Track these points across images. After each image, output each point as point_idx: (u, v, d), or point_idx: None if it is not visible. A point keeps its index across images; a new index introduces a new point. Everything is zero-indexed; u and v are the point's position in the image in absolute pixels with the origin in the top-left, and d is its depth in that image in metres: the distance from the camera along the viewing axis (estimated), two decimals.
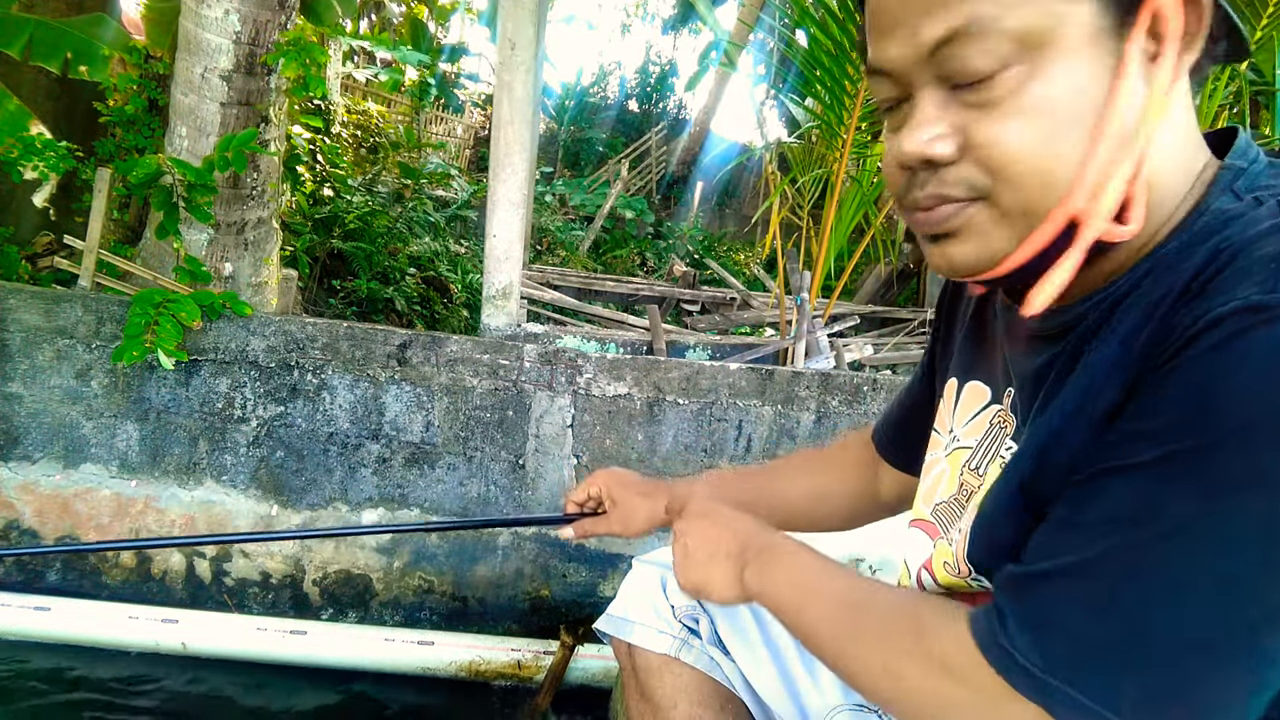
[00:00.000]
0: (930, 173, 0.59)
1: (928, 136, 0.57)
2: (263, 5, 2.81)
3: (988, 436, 0.76)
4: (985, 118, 0.55)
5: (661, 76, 16.26)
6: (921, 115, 0.58)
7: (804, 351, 3.44)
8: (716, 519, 0.83)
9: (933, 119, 0.57)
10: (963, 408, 0.81)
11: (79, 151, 2.93)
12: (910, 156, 0.58)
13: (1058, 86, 0.53)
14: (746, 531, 0.80)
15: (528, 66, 2.68)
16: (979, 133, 0.55)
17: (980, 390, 0.79)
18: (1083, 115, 0.53)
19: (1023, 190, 0.55)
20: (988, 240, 0.59)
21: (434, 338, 2.41)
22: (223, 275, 3.05)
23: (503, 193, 2.75)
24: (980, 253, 0.59)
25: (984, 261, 0.59)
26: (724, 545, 0.79)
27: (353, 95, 9.24)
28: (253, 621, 2.22)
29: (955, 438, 0.81)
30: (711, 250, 10.06)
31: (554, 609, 2.53)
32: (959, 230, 0.59)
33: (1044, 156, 0.54)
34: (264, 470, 2.43)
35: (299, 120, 4.55)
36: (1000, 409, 0.75)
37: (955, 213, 0.59)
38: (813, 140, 3.84)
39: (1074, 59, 0.53)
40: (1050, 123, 0.53)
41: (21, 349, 2.31)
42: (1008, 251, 0.58)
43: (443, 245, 6.23)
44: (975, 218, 0.58)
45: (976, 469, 0.76)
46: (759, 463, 1.43)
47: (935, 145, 0.57)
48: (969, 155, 0.56)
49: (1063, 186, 0.55)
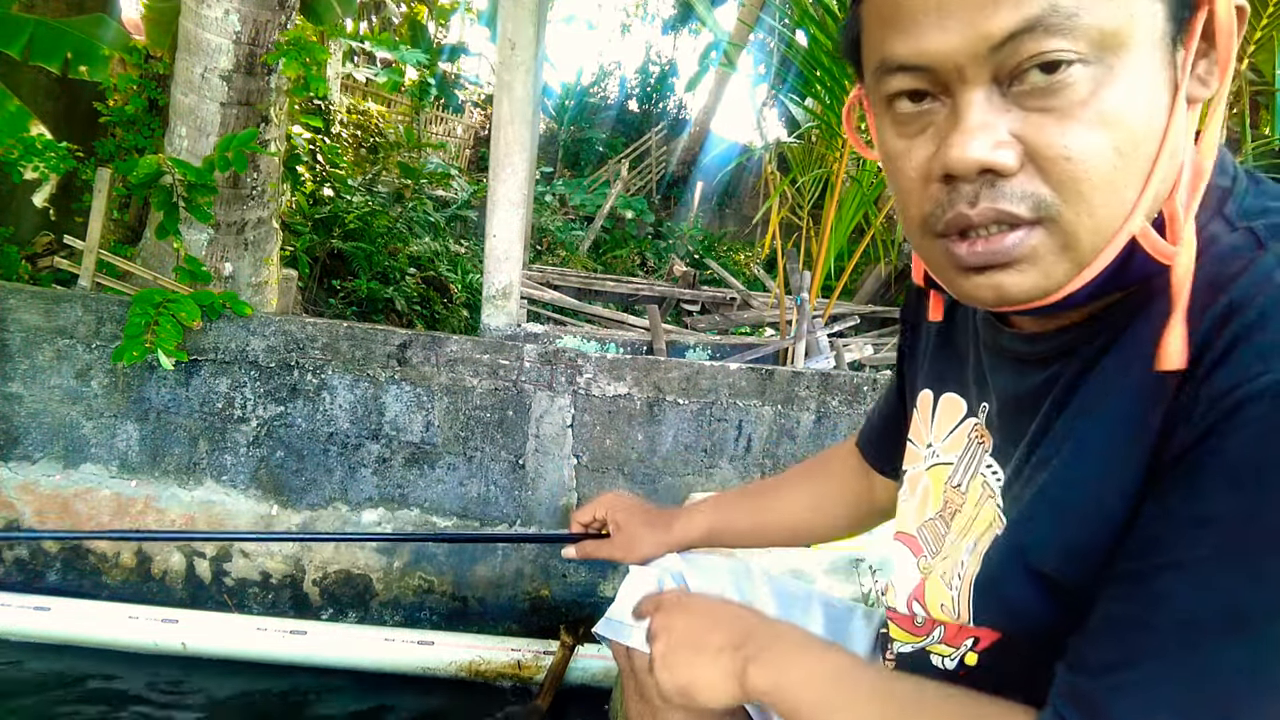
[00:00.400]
0: (986, 186, 0.51)
1: (992, 141, 0.50)
2: (263, 5, 2.81)
3: (966, 452, 0.74)
4: (1053, 124, 0.49)
5: (661, 76, 16.25)
6: (976, 118, 0.50)
7: (804, 351, 3.44)
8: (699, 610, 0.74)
9: (991, 123, 0.50)
10: (940, 421, 0.79)
11: (79, 151, 2.93)
12: (969, 165, 0.50)
13: (1131, 93, 0.48)
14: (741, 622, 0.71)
15: (528, 66, 2.68)
16: (1051, 139, 0.49)
17: (956, 403, 0.76)
18: (1152, 127, 0.49)
19: (1093, 209, 0.50)
20: (1050, 269, 0.52)
21: (434, 338, 2.41)
22: (223, 275, 3.05)
23: (503, 193, 2.75)
24: (1041, 284, 0.53)
25: (1042, 292, 0.53)
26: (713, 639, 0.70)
27: (353, 95, 9.24)
28: (253, 621, 2.22)
29: (935, 453, 0.79)
30: (711, 250, 10.06)
31: (554, 609, 2.53)
32: (1020, 259, 0.52)
33: (1117, 171, 0.49)
34: (264, 470, 2.43)
35: (299, 120, 4.55)
36: (977, 423, 0.73)
37: (1020, 243, 0.52)
38: (813, 140, 3.85)
39: (1145, 64, 0.49)
40: (1123, 134, 0.49)
41: (21, 349, 2.31)
42: (1067, 280, 0.53)
43: (443, 245, 6.23)
44: (1038, 246, 0.52)
45: (959, 486, 0.74)
46: (751, 481, 1.43)
47: (998, 152, 0.50)
48: (1030, 167, 0.50)
49: (1129, 206, 0.50)
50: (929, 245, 0.57)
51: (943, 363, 0.79)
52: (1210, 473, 0.48)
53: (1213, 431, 0.48)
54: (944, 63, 0.50)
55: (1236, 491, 0.46)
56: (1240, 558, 0.46)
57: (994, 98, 0.50)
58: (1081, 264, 0.52)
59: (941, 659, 0.74)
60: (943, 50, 0.50)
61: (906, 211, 0.57)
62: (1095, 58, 0.48)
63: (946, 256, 0.55)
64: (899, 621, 0.80)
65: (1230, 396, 0.47)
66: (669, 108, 16.35)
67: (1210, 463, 0.48)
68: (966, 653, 0.71)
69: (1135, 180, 0.50)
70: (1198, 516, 0.48)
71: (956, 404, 0.76)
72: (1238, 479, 0.46)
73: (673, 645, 0.71)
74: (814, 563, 2.01)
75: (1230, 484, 0.46)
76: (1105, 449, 0.55)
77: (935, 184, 0.54)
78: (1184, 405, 0.50)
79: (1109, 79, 0.48)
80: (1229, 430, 0.47)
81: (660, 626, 0.74)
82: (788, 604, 1.05)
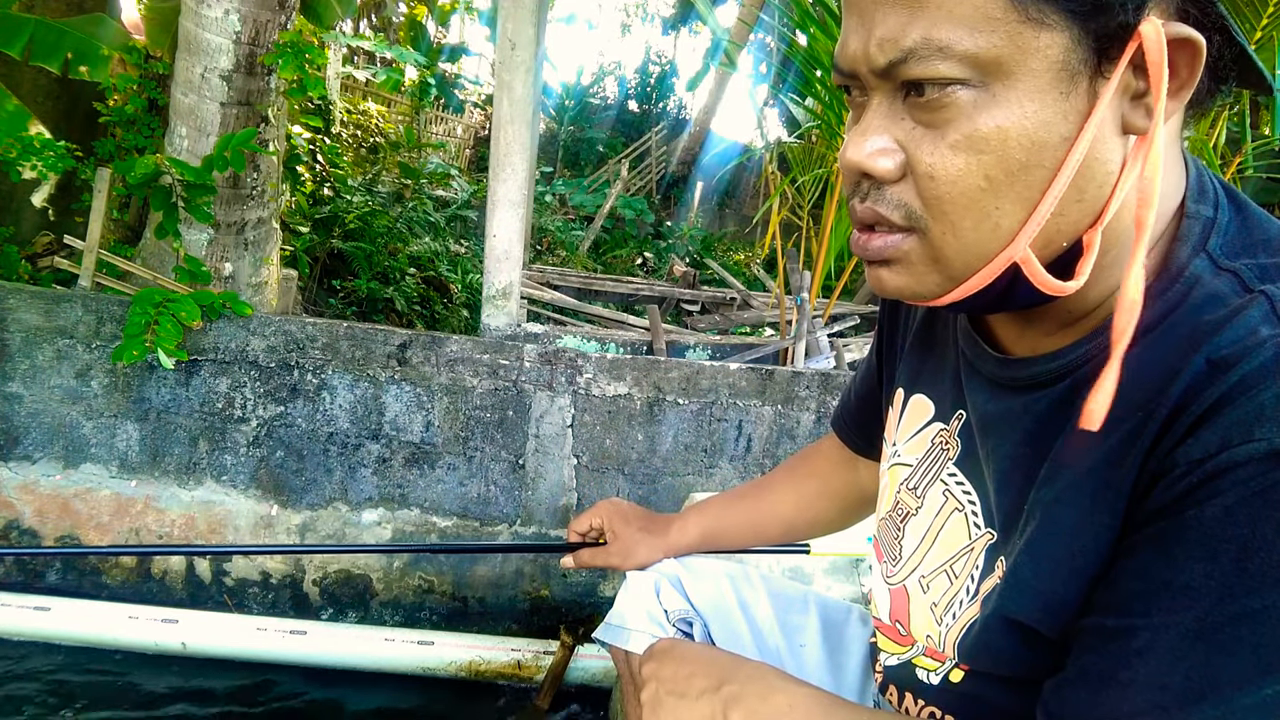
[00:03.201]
0: (873, 187, 0.54)
1: (871, 148, 0.52)
2: (263, 5, 2.81)
3: (928, 457, 0.73)
4: (931, 140, 0.50)
5: (661, 76, 16.24)
6: (869, 123, 0.53)
7: (804, 351, 3.44)
8: (683, 657, 0.75)
9: (879, 129, 0.52)
10: (906, 422, 0.78)
11: (79, 151, 2.93)
12: (848, 166, 0.54)
13: (1012, 121, 0.48)
14: (720, 666, 0.71)
15: (528, 66, 2.68)
16: (922, 155, 0.50)
17: (924, 405, 0.76)
18: (1039, 157, 0.48)
19: (959, 230, 0.51)
20: (922, 277, 0.55)
21: (434, 338, 2.41)
22: (223, 275, 3.05)
23: (503, 193, 2.75)
24: (914, 287, 0.55)
25: (918, 295, 0.56)
26: (695, 684, 0.70)
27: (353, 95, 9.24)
28: (253, 621, 2.22)
29: (896, 452, 0.78)
30: (711, 250, 10.05)
31: (554, 609, 2.53)
32: (892, 260, 0.55)
33: (984, 198, 0.50)
34: (264, 470, 2.43)
35: (299, 120, 4.55)
36: (944, 429, 0.72)
37: (887, 246, 0.54)
38: (813, 140, 3.85)
39: (1037, 94, 0.47)
40: (997, 160, 0.48)
41: (21, 349, 2.31)
42: (942, 292, 0.54)
43: (443, 245, 6.22)
44: (910, 253, 0.54)
45: (914, 489, 0.74)
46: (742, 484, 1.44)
47: (878, 159, 0.52)
48: (909, 178, 0.52)
49: (1005, 232, 0.50)
50: None
51: (918, 362, 0.78)
52: (1187, 541, 0.47)
53: (1190, 497, 0.47)
54: (852, 69, 0.53)
55: (1213, 563, 0.46)
56: (1214, 630, 0.46)
57: (895, 104, 0.52)
58: (954, 279, 0.53)
59: (927, 673, 0.74)
60: (852, 59, 0.53)
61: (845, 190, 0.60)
62: (979, 82, 0.48)
63: (853, 247, 0.58)
64: (884, 630, 0.81)
65: (1210, 463, 0.46)
66: (669, 107, 16.34)
67: (1187, 530, 0.47)
68: (952, 668, 0.71)
69: (1013, 208, 0.50)
70: (1173, 583, 0.48)
71: (924, 406, 0.75)
72: (1214, 551, 0.46)
73: (659, 693, 0.73)
74: (813, 563, 2.01)
75: (1207, 555, 0.46)
76: (1080, 498, 0.55)
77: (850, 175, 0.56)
78: (1160, 463, 0.49)
79: (990, 104, 0.48)
80: (1206, 498, 0.46)
81: (648, 675, 0.76)
82: (784, 606, 1.05)
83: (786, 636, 1.02)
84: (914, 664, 0.75)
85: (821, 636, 1.01)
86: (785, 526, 1.09)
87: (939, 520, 0.70)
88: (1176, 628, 0.48)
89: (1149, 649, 0.49)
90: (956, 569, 0.68)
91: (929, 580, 0.71)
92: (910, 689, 0.76)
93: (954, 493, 0.69)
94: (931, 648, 0.72)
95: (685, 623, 1.02)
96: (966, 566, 0.67)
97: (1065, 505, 0.56)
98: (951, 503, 0.69)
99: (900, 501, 0.76)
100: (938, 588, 0.70)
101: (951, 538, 0.69)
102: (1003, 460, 0.62)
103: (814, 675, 0.96)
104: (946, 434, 0.71)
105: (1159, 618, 0.48)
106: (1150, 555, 0.50)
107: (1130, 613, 0.50)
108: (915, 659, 0.75)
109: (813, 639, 1.01)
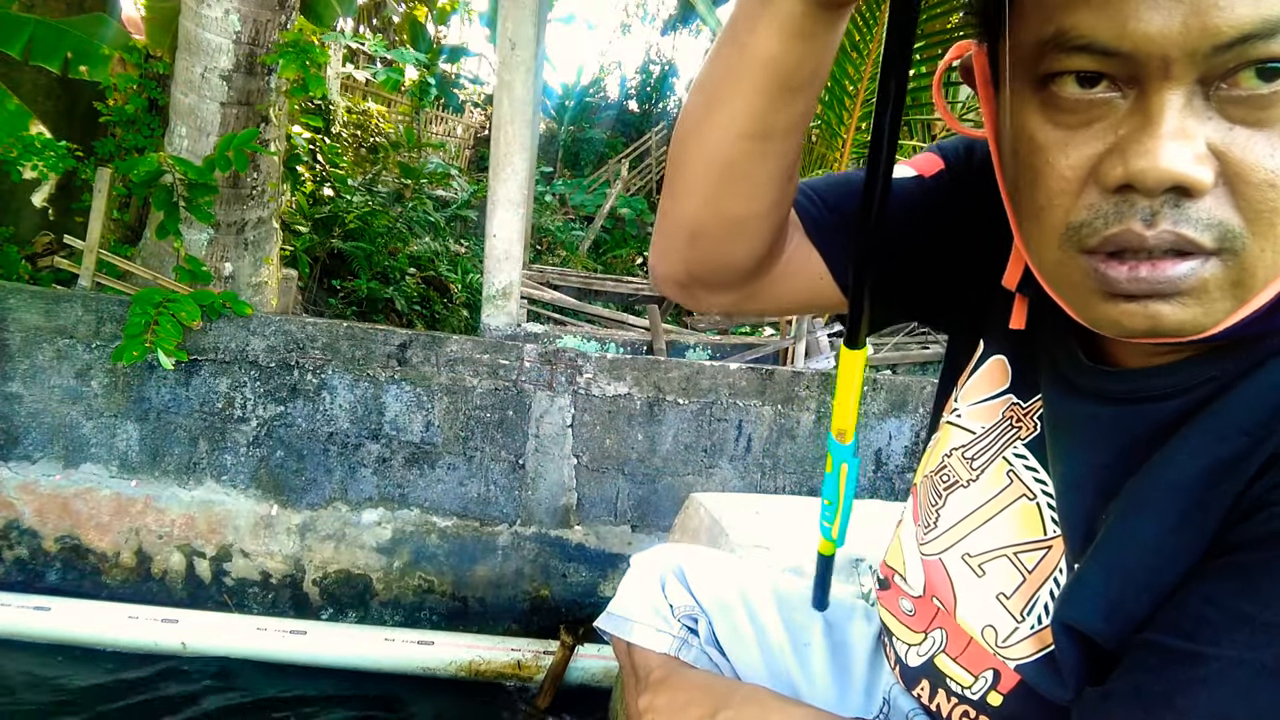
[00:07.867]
0: (1169, 205, 0.43)
1: (1191, 154, 0.41)
2: (263, 5, 2.81)
3: (995, 429, 0.67)
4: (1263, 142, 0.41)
5: (661, 76, 16.24)
6: (1173, 123, 0.42)
7: (804, 351, 3.44)
8: (678, 685, 0.75)
9: (1189, 131, 0.42)
10: (978, 382, 0.70)
11: (79, 151, 2.93)
12: (1161, 178, 0.42)
13: None
14: (713, 693, 0.71)
15: (528, 66, 2.68)
16: (1252, 161, 0.41)
17: (1002, 370, 0.68)
18: None
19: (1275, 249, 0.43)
20: (1214, 305, 0.45)
21: (434, 338, 2.41)
22: (223, 275, 3.04)
23: (503, 193, 2.75)
24: (1200, 320, 0.45)
25: (1197, 329, 0.46)
26: (690, 712, 0.70)
27: (353, 95, 9.24)
28: (253, 621, 2.22)
29: (958, 412, 0.72)
30: None
31: (554, 609, 2.53)
32: (1185, 292, 0.45)
33: None
34: (264, 470, 2.43)
35: (299, 120, 4.55)
36: (1017, 404, 0.66)
37: (1191, 274, 0.44)
38: (813, 140, 3.84)
39: None
40: None
41: (21, 349, 2.31)
42: (1226, 316, 0.46)
43: (443, 245, 6.22)
44: (1209, 280, 0.44)
45: (970, 459, 0.69)
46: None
47: (1198, 169, 0.41)
48: (1223, 189, 0.43)
49: None
50: (1067, 259, 0.48)
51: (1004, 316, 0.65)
52: (1274, 577, 0.45)
53: None
54: (1150, 52, 0.41)
55: None
56: None
57: (1195, 101, 0.42)
58: (1245, 301, 0.45)
59: (961, 688, 0.71)
60: (1155, 38, 0.41)
61: (1044, 215, 0.48)
62: None
63: (1091, 277, 0.47)
64: (889, 606, 0.78)
65: None
66: (669, 108, 16.33)
67: (1275, 566, 0.45)
68: (989, 690, 0.68)
69: None
70: (1251, 618, 0.46)
71: (1002, 372, 0.68)
72: None
73: None
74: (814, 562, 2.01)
75: None
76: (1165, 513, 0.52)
77: (1097, 191, 0.45)
78: (1263, 493, 0.47)
79: None
80: None
81: (645, 706, 0.76)
82: (787, 604, 1.04)
83: (791, 635, 1.01)
84: (942, 672, 0.73)
85: (824, 634, 1.01)
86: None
87: (999, 502, 0.66)
88: (1250, 664, 0.46)
89: (1215, 679, 0.47)
90: (1026, 562, 0.64)
91: (984, 563, 0.67)
92: (941, 697, 0.74)
93: (1022, 478, 0.64)
94: (953, 632, 0.70)
95: (690, 618, 1.01)
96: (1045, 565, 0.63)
97: (1146, 518, 0.53)
98: (1018, 487, 0.65)
99: (948, 467, 0.71)
100: (1002, 575, 0.66)
101: (1018, 525, 0.65)
102: (1078, 466, 0.58)
103: (818, 674, 0.96)
104: (1021, 411, 0.65)
105: (1231, 650, 0.46)
106: (1232, 585, 0.47)
107: (1198, 639, 0.48)
108: (940, 662, 0.73)
109: (817, 638, 1.01)
